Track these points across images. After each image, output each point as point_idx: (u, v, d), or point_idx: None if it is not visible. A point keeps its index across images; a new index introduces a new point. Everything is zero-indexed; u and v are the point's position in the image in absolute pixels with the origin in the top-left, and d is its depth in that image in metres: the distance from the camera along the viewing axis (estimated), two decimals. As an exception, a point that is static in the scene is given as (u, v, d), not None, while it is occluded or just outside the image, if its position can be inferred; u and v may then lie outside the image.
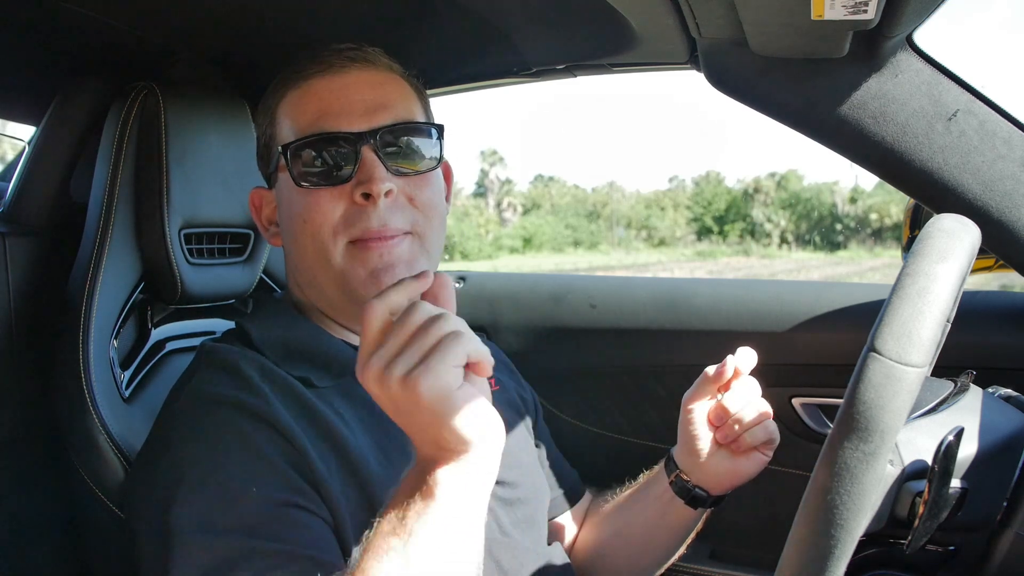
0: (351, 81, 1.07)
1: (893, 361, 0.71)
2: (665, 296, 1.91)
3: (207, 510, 0.87)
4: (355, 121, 1.04)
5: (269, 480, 0.90)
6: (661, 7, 1.09)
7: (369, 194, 1.01)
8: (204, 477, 0.90)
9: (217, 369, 1.00)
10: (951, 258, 0.76)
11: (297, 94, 1.08)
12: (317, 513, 0.92)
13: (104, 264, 1.23)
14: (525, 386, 1.41)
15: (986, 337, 1.54)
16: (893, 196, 31.72)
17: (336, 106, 1.05)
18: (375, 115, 1.05)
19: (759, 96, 1.24)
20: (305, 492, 0.92)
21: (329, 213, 1.03)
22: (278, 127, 1.09)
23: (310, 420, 0.98)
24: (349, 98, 1.05)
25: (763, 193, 42.11)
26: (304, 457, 0.93)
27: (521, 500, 1.17)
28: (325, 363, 1.06)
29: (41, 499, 1.29)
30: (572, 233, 38.80)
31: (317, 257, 1.04)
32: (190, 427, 0.95)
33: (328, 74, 1.07)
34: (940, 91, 1.16)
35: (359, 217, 1.02)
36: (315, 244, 1.04)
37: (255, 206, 1.16)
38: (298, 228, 1.05)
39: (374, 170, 1.01)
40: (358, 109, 1.05)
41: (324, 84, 1.06)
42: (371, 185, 1.01)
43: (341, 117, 1.04)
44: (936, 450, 0.83)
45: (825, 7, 0.95)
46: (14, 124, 1.82)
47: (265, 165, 1.14)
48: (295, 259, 1.10)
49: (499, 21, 1.35)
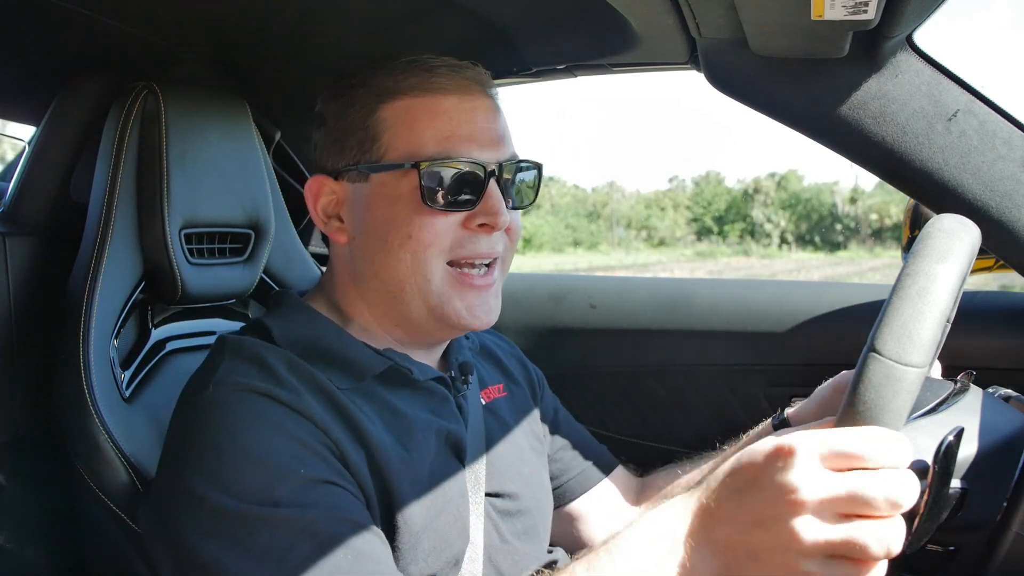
0: (479, 107, 1.08)
1: (893, 361, 0.71)
2: (665, 296, 1.91)
3: (257, 488, 0.88)
4: (484, 151, 1.06)
5: (312, 462, 0.92)
6: (661, 7, 1.09)
7: (488, 225, 1.05)
8: (247, 457, 0.90)
9: (244, 360, 1.00)
10: (951, 258, 0.76)
11: (423, 105, 1.05)
12: (356, 495, 0.94)
13: (104, 264, 1.23)
14: (532, 369, 1.41)
15: (986, 337, 1.54)
16: (893, 196, 31.71)
17: (467, 130, 1.05)
18: (499, 147, 1.08)
19: (759, 96, 1.24)
20: (344, 475, 0.94)
21: (442, 235, 1.04)
22: (388, 129, 1.06)
23: (338, 414, 0.99)
24: (478, 125, 1.07)
25: (763, 193, 42.11)
26: (339, 447, 0.95)
27: (521, 511, 1.18)
28: (347, 365, 1.05)
29: (41, 499, 1.29)
30: (572, 233, 38.80)
31: (413, 274, 1.05)
32: (224, 414, 0.94)
33: (458, 94, 1.06)
34: (940, 91, 1.16)
35: (470, 241, 1.05)
36: (415, 260, 1.04)
37: (312, 193, 1.12)
38: (398, 240, 1.04)
39: (499, 204, 1.05)
40: (485, 137, 1.07)
41: (454, 104, 1.06)
42: (495, 218, 1.04)
43: (472, 144, 1.05)
44: (936, 450, 0.83)
45: (825, 7, 0.95)
46: (14, 124, 1.82)
47: (348, 157, 1.09)
48: (376, 266, 1.07)
49: (499, 21, 1.35)
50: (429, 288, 1.05)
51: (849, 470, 0.68)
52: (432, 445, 1.06)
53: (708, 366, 1.77)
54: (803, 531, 0.67)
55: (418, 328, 1.10)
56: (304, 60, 1.49)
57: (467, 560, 1.06)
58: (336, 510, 0.89)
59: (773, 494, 0.69)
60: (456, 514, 1.05)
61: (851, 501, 0.66)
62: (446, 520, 1.03)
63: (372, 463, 0.98)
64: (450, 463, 1.08)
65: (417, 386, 1.10)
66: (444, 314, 1.06)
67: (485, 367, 1.31)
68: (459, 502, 1.06)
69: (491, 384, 1.28)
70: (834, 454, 0.68)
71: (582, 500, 1.36)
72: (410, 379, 1.09)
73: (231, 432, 0.92)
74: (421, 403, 1.09)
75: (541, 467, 1.28)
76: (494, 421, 1.22)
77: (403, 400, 1.07)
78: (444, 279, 1.05)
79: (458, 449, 1.10)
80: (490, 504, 1.13)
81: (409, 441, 1.03)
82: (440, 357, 1.20)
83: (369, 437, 0.98)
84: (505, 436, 1.21)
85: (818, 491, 0.67)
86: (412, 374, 1.09)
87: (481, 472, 1.13)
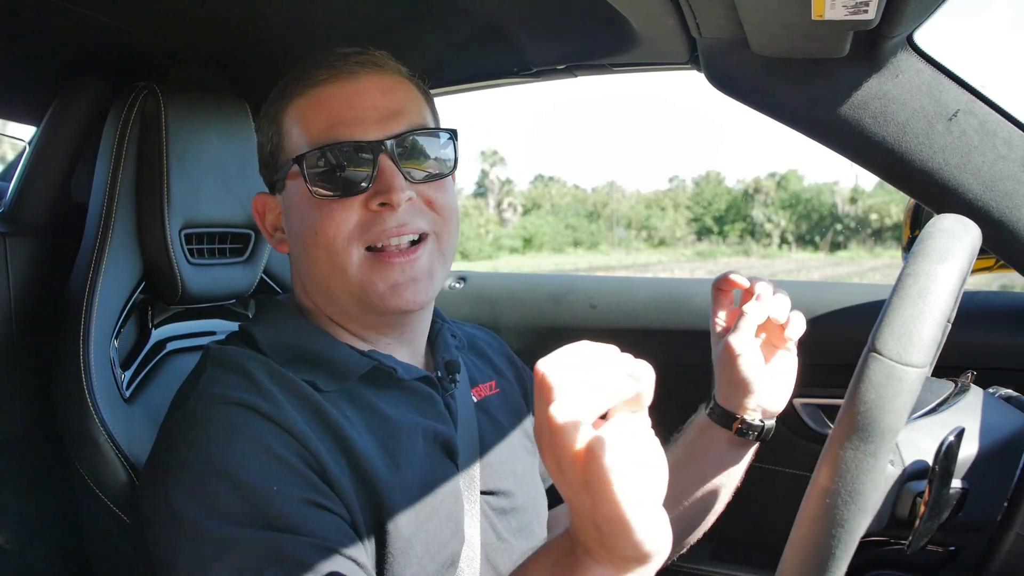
0: (362, 87, 1.05)
1: (894, 361, 0.71)
2: (665, 296, 1.91)
3: (231, 509, 0.88)
4: (369, 129, 1.03)
5: (288, 479, 0.91)
6: (661, 7, 1.09)
7: (387, 203, 1.01)
8: (224, 476, 0.90)
9: (225, 371, 1.00)
10: (952, 258, 0.76)
11: (306, 101, 1.06)
12: (335, 511, 0.93)
13: (104, 264, 1.23)
14: (521, 365, 1.40)
15: (986, 337, 1.54)
16: (893, 196, 31.71)
17: (349, 114, 1.03)
18: (389, 122, 1.04)
19: (759, 96, 1.24)
20: (323, 491, 0.93)
21: (343, 223, 1.02)
22: (286, 135, 1.08)
23: (320, 423, 0.98)
24: (362, 105, 1.04)
25: (763, 193, 42.10)
26: (318, 459, 0.94)
27: (516, 509, 1.17)
28: (331, 368, 1.05)
29: (41, 499, 1.29)
30: (572, 233, 38.78)
31: (331, 267, 1.04)
32: (203, 428, 0.94)
33: (338, 81, 1.05)
34: (940, 91, 1.16)
35: (375, 222, 1.02)
36: (328, 254, 1.03)
37: (259, 212, 1.15)
38: (309, 238, 1.04)
39: (393, 179, 1.01)
40: (372, 116, 1.03)
41: (335, 91, 1.05)
42: (390, 195, 1.00)
43: (355, 125, 1.03)
44: (937, 450, 0.83)
45: (825, 7, 0.95)
46: (15, 124, 1.82)
47: (270, 172, 1.12)
48: (305, 267, 1.09)
49: (499, 21, 1.35)
50: (347, 277, 1.03)
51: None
52: (420, 447, 1.06)
53: (708, 365, 1.77)
54: (557, 414, 0.66)
55: (360, 318, 1.09)
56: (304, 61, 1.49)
57: (464, 560, 1.06)
58: (310, 535, 0.87)
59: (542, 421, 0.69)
60: (449, 515, 1.05)
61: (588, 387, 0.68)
62: (438, 522, 1.03)
63: (355, 471, 0.97)
64: (441, 464, 1.08)
65: (403, 386, 1.09)
66: (368, 299, 1.04)
67: (475, 364, 1.30)
68: (452, 502, 1.06)
69: (482, 382, 1.27)
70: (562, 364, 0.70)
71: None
72: (395, 379, 1.08)
73: (209, 449, 0.92)
74: (407, 404, 1.09)
75: (534, 464, 1.28)
76: (486, 419, 1.21)
77: (388, 402, 1.07)
78: (361, 264, 1.03)
79: (449, 449, 1.09)
80: (485, 502, 1.13)
81: (394, 445, 1.03)
82: (427, 355, 1.20)
83: (352, 444, 0.98)
84: (498, 433, 1.21)
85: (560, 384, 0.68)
86: (397, 373, 1.08)
87: (475, 472, 1.13)
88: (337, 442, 0.98)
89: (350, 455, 0.97)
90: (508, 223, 46.11)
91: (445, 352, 1.20)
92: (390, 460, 1.01)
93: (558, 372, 0.69)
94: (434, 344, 1.20)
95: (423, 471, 1.04)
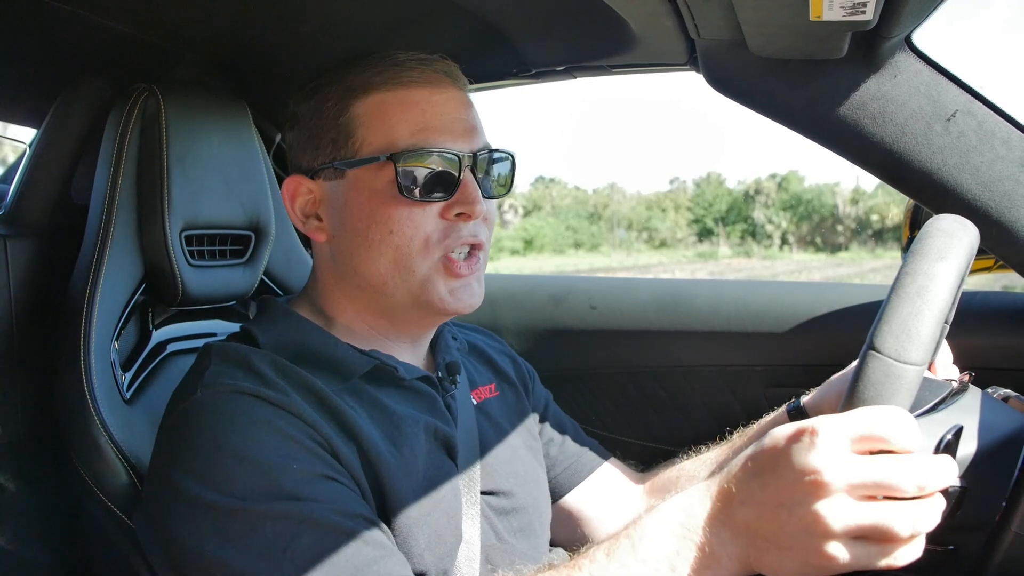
0: (450, 98, 1.09)
1: (892, 359, 0.71)
2: (666, 297, 1.91)
3: (250, 486, 0.89)
4: (457, 140, 1.07)
5: (305, 457, 0.93)
6: (660, 9, 1.09)
7: (465, 214, 1.06)
8: (238, 457, 0.90)
9: (230, 365, 1.01)
10: (950, 257, 0.76)
11: (394, 98, 1.07)
12: (352, 489, 0.95)
13: (105, 266, 1.23)
14: (523, 364, 1.41)
15: (986, 337, 1.54)
16: (894, 197, 31.69)
17: (439, 122, 1.07)
18: (472, 137, 1.09)
19: (758, 97, 1.24)
20: (337, 468, 0.95)
21: (421, 226, 1.05)
22: (361, 125, 1.07)
23: (326, 411, 0.99)
24: (450, 116, 1.08)
25: (764, 194, 42.08)
26: (328, 441, 0.96)
27: (516, 509, 1.18)
28: (333, 367, 1.06)
29: (42, 500, 1.29)
30: (573, 235, 38.74)
31: (395, 266, 1.06)
32: (212, 415, 0.95)
33: (428, 86, 1.08)
34: (939, 92, 1.16)
35: (453, 229, 1.06)
36: (398, 253, 1.05)
37: (289, 193, 1.13)
38: (377, 234, 1.05)
39: (475, 193, 1.06)
40: (459, 128, 1.08)
41: (426, 96, 1.07)
42: (472, 207, 1.05)
43: (445, 135, 1.06)
44: (935, 449, 0.83)
45: (824, 8, 0.95)
46: (15, 126, 1.83)
47: (318, 155, 1.11)
48: (355, 260, 1.08)
49: (499, 22, 1.35)
50: (413, 277, 1.06)
51: (873, 453, 0.69)
52: (422, 440, 1.07)
53: (708, 366, 1.77)
54: (828, 514, 0.67)
55: (402, 317, 1.12)
56: (304, 62, 1.50)
57: (464, 559, 1.06)
58: (334, 502, 0.90)
59: (795, 476, 0.69)
60: (448, 512, 1.05)
61: (879, 487, 0.68)
62: (438, 517, 1.03)
63: (364, 458, 0.99)
64: (442, 461, 1.09)
65: (404, 384, 1.10)
66: (428, 300, 1.07)
67: (475, 367, 1.31)
68: (451, 500, 1.06)
69: (482, 384, 1.28)
70: (858, 437, 0.69)
71: (574, 495, 1.35)
72: (396, 377, 1.09)
73: (222, 432, 0.93)
74: (408, 401, 1.10)
75: (537, 465, 1.28)
76: (486, 421, 1.22)
77: (391, 397, 1.08)
78: (430, 268, 1.06)
79: (449, 447, 1.10)
80: (485, 502, 1.13)
81: (398, 436, 1.04)
82: (427, 357, 1.20)
83: (359, 432, 0.99)
84: (498, 435, 1.22)
85: (843, 473, 0.68)
86: (398, 372, 1.09)
87: (475, 473, 1.13)
88: (345, 429, 0.99)
89: (358, 441, 0.99)
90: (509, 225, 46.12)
91: (446, 353, 1.21)
92: (395, 448, 1.02)
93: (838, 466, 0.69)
94: (435, 346, 1.21)
95: (426, 464, 1.05)
